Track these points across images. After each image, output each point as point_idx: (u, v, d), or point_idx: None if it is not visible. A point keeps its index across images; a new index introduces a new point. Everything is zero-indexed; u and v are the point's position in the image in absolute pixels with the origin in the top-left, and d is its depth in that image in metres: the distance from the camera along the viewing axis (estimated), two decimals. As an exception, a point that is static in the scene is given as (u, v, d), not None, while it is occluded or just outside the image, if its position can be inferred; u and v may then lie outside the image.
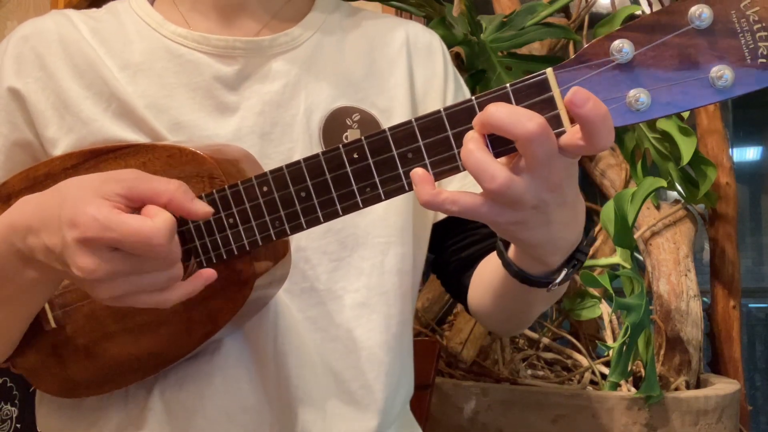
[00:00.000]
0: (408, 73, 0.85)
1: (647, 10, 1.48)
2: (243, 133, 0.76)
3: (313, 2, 0.86)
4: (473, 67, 1.28)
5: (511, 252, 0.66)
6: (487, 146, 0.53)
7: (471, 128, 0.54)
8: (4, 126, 0.78)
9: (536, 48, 1.47)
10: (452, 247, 0.87)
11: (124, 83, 0.77)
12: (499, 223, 0.56)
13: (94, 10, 0.85)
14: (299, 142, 0.78)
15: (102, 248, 0.56)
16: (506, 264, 0.66)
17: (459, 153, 0.54)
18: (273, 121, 0.78)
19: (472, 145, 0.52)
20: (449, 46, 1.28)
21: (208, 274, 0.60)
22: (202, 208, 0.59)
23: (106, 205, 0.56)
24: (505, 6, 1.51)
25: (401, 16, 1.91)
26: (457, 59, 1.35)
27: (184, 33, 0.79)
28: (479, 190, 0.56)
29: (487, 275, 0.78)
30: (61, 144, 0.76)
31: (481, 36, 1.28)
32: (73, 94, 0.76)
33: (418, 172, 0.55)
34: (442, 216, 0.86)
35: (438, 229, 0.87)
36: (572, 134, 0.51)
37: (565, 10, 1.48)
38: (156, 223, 0.56)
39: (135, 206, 0.58)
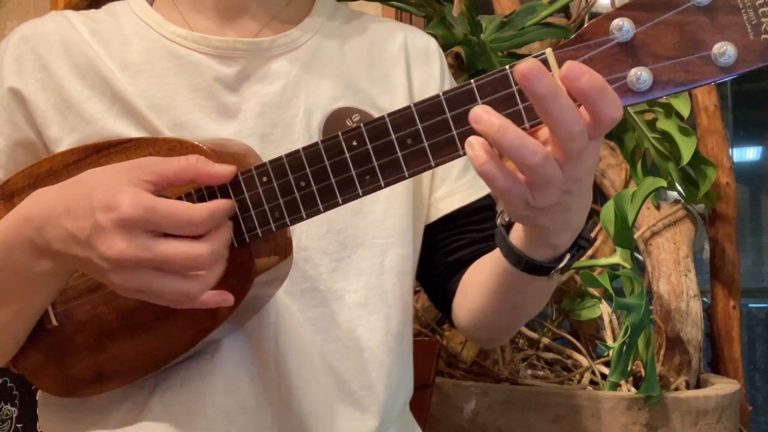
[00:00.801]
0: (406, 76, 0.85)
1: (647, 10, 1.48)
2: (243, 135, 0.76)
3: (312, 5, 0.86)
4: (473, 67, 1.28)
5: (517, 239, 0.65)
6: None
7: (469, 110, 0.52)
8: (5, 126, 0.78)
9: (536, 48, 1.46)
10: (440, 251, 0.86)
11: (125, 83, 0.77)
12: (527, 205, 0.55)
13: (92, 11, 0.85)
14: (299, 143, 0.77)
15: (137, 231, 0.57)
16: (508, 252, 0.65)
17: (458, 136, 0.54)
18: (273, 122, 0.78)
19: (501, 121, 0.50)
20: (449, 46, 1.28)
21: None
22: (225, 169, 0.61)
23: (142, 191, 0.58)
24: (505, 6, 1.51)
25: (401, 16, 1.91)
26: (457, 59, 1.35)
27: (184, 33, 0.79)
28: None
29: (481, 274, 0.78)
30: (64, 143, 0.76)
31: (481, 36, 1.28)
32: (75, 94, 0.76)
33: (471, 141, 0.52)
34: (432, 218, 0.86)
35: (425, 231, 0.86)
36: None
37: (565, 10, 1.48)
38: (197, 205, 0.59)
39: (162, 189, 0.60)
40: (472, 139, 0.52)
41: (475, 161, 0.51)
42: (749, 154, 2.86)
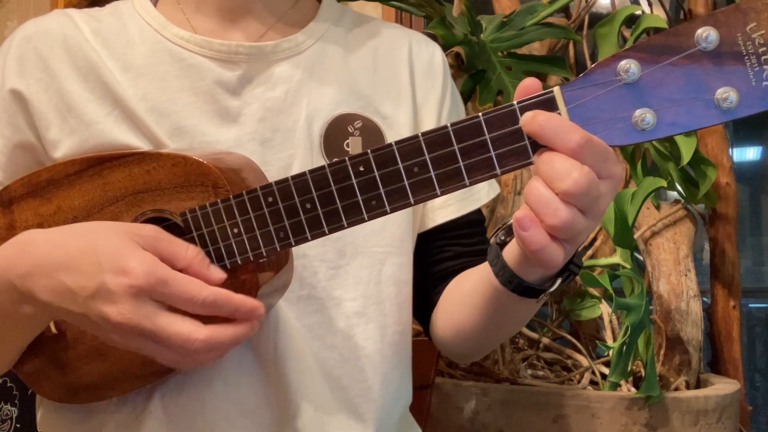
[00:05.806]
0: (410, 83, 0.85)
1: (647, 10, 1.48)
2: (244, 140, 0.76)
3: (318, 9, 0.86)
4: (473, 67, 1.28)
5: (510, 258, 0.64)
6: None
7: (476, 143, 0.54)
8: (6, 128, 0.77)
9: (536, 48, 1.47)
10: (426, 261, 0.86)
11: (125, 86, 0.76)
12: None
13: (96, 9, 0.83)
14: (299, 149, 0.77)
15: (145, 299, 0.58)
16: (501, 270, 0.65)
17: (465, 168, 0.55)
18: (274, 127, 0.77)
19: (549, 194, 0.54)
20: (449, 46, 1.28)
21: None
22: (217, 275, 0.62)
23: (156, 259, 0.59)
24: (505, 6, 1.52)
25: (401, 16, 1.91)
26: (457, 59, 1.35)
27: (186, 36, 0.79)
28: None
29: (467, 288, 0.77)
30: (63, 146, 0.75)
31: (481, 36, 1.28)
32: (76, 97, 0.76)
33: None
34: (425, 227, 0.85)
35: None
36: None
37: (565, 10, 1.48)
38: (210, 289, 0.60)
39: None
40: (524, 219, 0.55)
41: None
42: (749, 154, 2.86)
